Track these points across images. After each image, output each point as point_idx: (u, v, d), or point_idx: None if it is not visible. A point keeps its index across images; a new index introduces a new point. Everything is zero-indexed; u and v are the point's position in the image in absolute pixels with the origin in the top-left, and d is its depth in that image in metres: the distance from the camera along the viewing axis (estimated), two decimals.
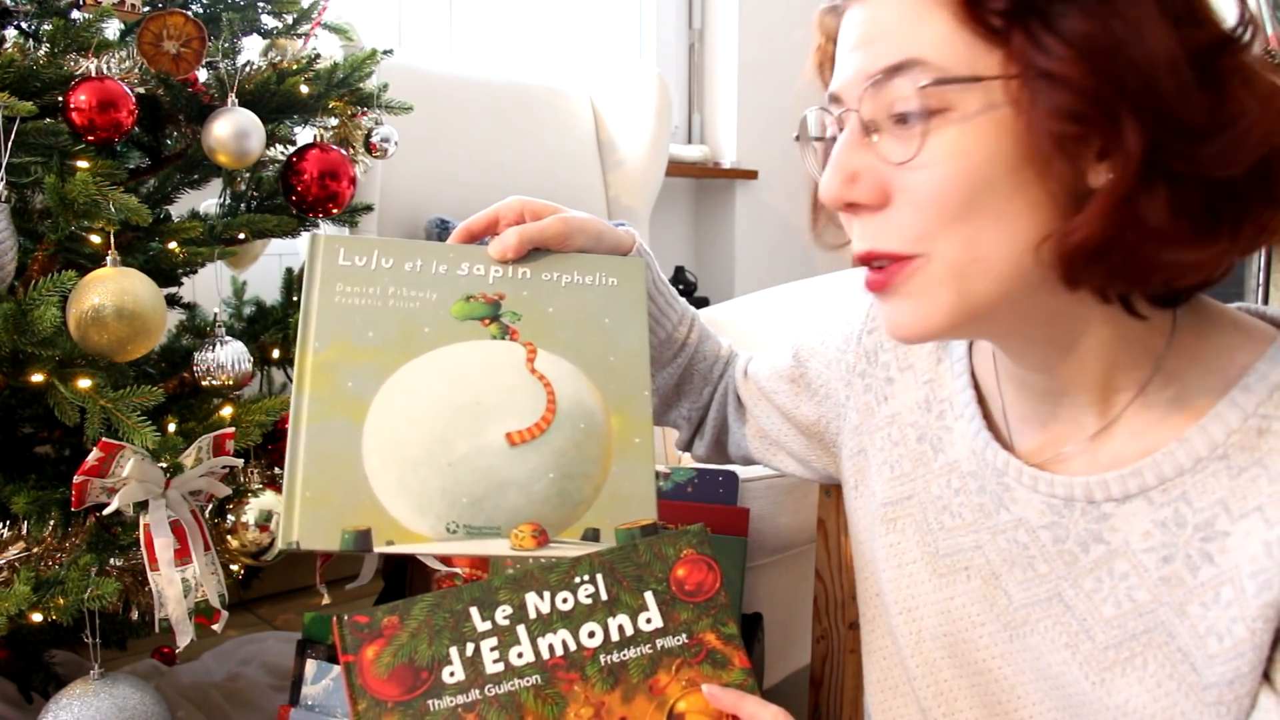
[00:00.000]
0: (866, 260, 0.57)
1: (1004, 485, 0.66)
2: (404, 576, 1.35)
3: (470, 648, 0.61)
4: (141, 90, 1.01)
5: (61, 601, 0.90)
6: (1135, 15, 0.49)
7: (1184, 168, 0.50)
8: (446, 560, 1.28)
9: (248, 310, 1.33)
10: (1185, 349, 0.58)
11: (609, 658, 0.62)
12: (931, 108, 0.52)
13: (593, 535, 0.67)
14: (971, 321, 0.57)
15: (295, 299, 1.24)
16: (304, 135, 1.20)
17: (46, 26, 0.99)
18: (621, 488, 0.68)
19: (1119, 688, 0.59)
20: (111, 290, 0.90)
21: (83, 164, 0.94)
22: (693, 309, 0.91)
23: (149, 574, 0.92)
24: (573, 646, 0.62)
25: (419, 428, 0.67)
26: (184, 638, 0.95)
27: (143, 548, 0.92)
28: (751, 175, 2.91)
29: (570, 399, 0.69)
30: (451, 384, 0.68)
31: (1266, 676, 0.54)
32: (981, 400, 0.70)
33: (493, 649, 0.61)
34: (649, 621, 0.63)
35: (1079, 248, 0.51)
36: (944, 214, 0.53)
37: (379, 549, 0.65)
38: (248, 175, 1.21)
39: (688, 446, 0.95)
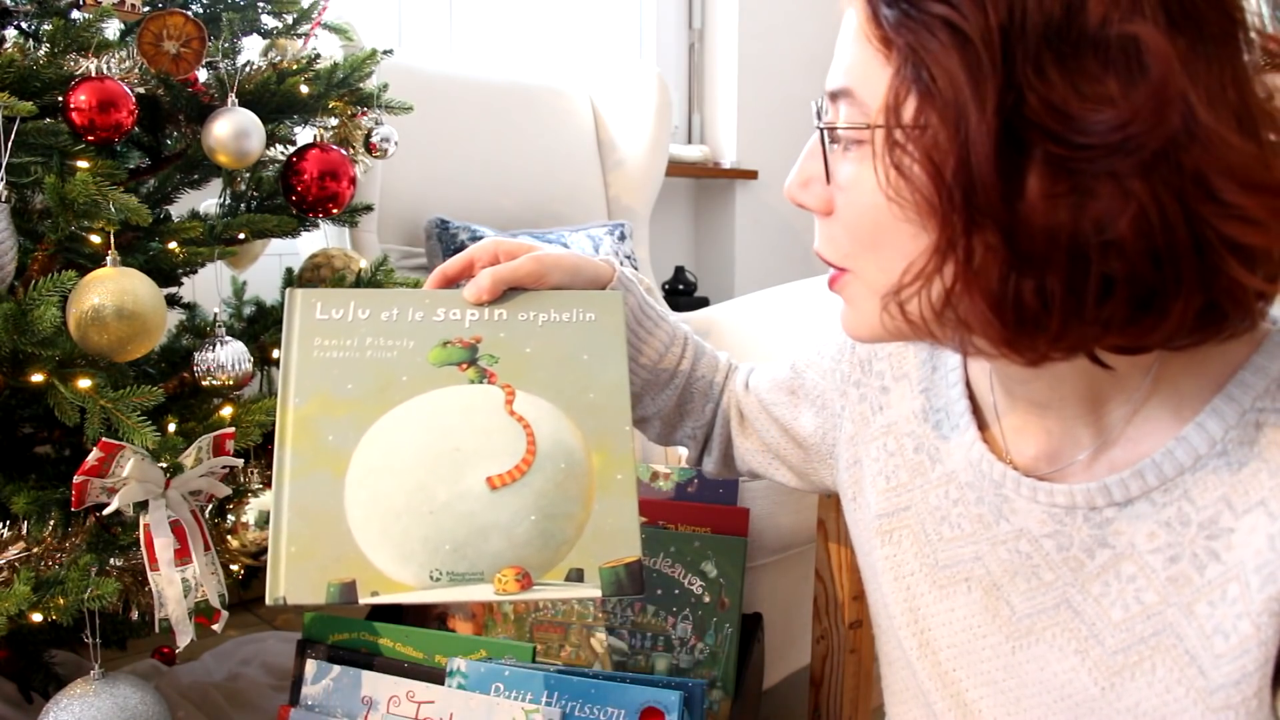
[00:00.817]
0: (819, 258, 0.62)
1: (1002, 496, 0.65)
2: None
3: None
4: (141, 90, 1.01)
5: (61, 601, 0.90)
6: (969, 106, 0.47)
7: (987, 257, 0.49)
8: None
9: (248, 310, 1.34)
10: (1177, 358, 0.58)
11: None
12: (852, 138, 0.55)
13: (576, 575, 0.66)
14: (910, 337, 0.57)
15: None
16: (304, 135, 1.20)
17: (46, 26, 0.99)
18: (605, 525, 0.67)
19: (1128, 691, 0.59)
20: (111, 290, 0.90)
21: (83, 164, 0.94)
22: (685, 327, 0.90)
23: (149, 574, 0.92)
24: None
25: (400, 477, 0.67)
26: (184, 638, 0.95)
27: (143, 548, 0.92)
28: (751, 175, 2.91)
29: (550, 439, 0.69)
30: (430, 431, 0.68)
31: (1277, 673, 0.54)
32: (977, 410, 0.69)
33: None
34: None
35: (897, 297, 0.54)
36: (859, 240, 0.57)
37: (364, 600, 0.65)
38: (248, 175, 1.21)
39: (697, 463, 0.95)
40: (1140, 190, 0.46)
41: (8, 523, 0.94)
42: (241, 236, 1.15)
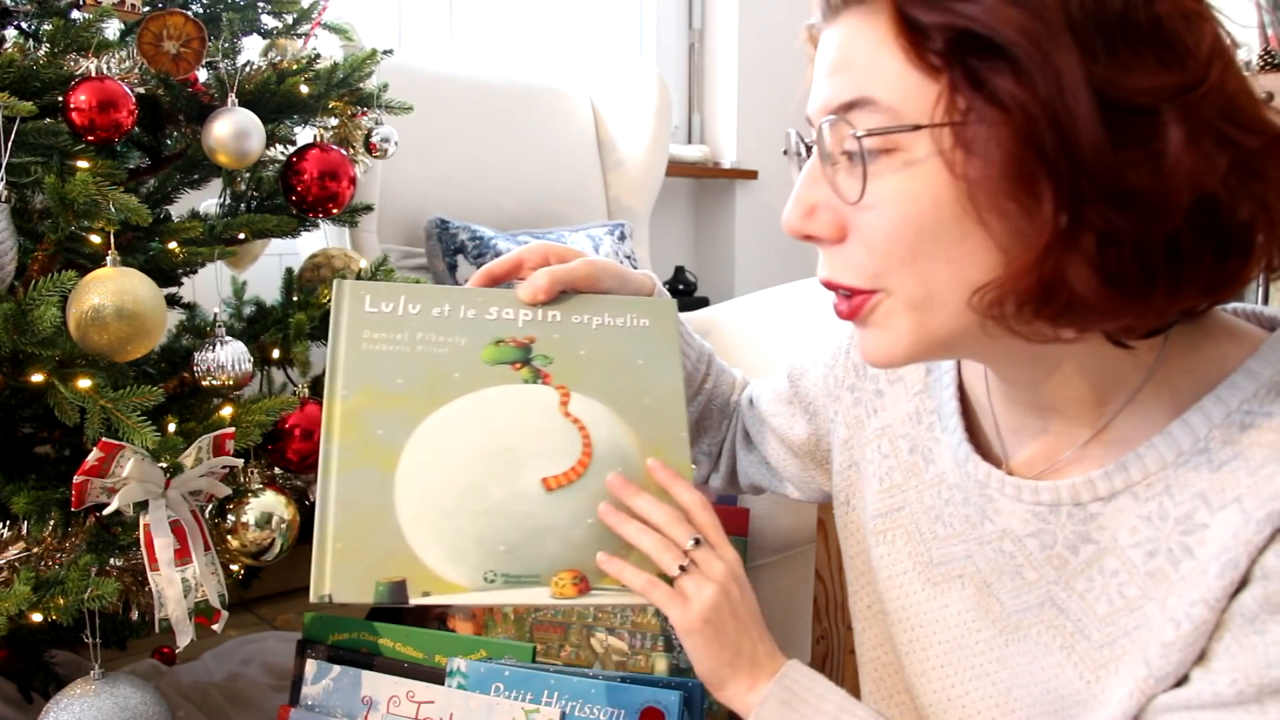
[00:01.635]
0: (828, 288, 0.58)
1: (986, 497, 0.66)
2: None
3: None
4: (141, 90, 1.01)
5: (61, 601, 0.90)
6: (1059, 75, 0.48)
7: (1107, 229, 0.49)
8: None
9: (248, 310, 1.33)
10: (1178, 359, 0.58)
11: None
12: (878, 149, 0.52)
13: None
14: (940, 349, 0.57)
15: (295, 299, 1.24)
16: (304, 135, 1.20)
17: (46, 26, 0.99)
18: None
19: (1113, 684, 0.59)
20: (111, 290, 0.90)
21: (83, 164, 0.94)
22: (708, 345, 0.91)
23: (149, 574, 0.92)
24: None
25: (452, 475, 0.66)
26: (184, 638, 0.95)
27: (143, 548, 0.92)
28: (751, 175, 2.91)
29: (606, 442, 0.68)
30: (483, 430, 0.67)
31: (1202, 655, 0.54)
32: (968, 413, 0.70)
33: None
34: None
35: (998, 304, 0.51)
36: (893, 256, 0.54)
37: (415, 600, 0.64)
38: (248, 175, 1.21)
39: (704, 480, 0.95)
40: (1209, 138, 0.48)
41: (8, 523, 0.94)
42: (241, 236, 1.15)
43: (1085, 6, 0.48)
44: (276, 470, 1.12)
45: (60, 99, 0.94)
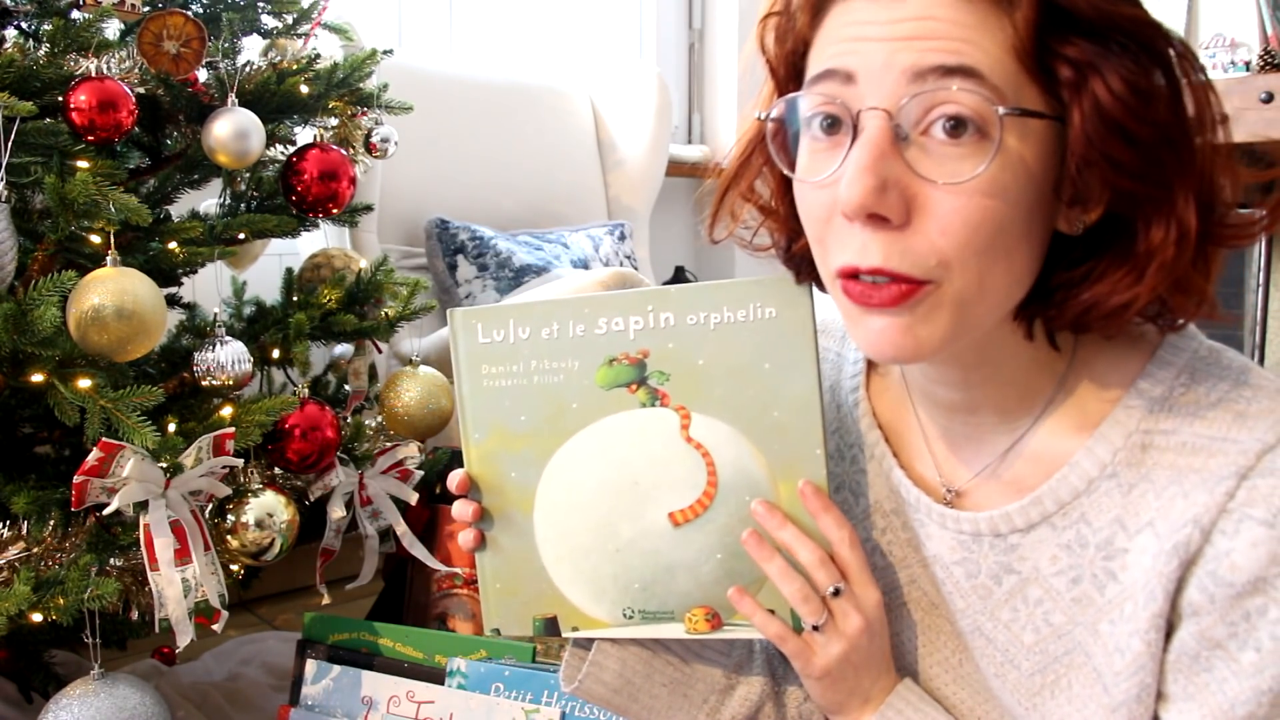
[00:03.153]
0: (870, 274, 0.52)
1: (919, 521, 0.66)
2: (404, 577, 1.35)
3: None
4: (141, 90, 1.01)
5: (61, 601, 0.90)
6: (1169, 86, 0.50)
7: (1219, 232, 0.51)
8: (447, 560, 1.29)
9: (248, 310, 1.33)
10: (1084, 365, 0.59)
11: None
12: (984, 132, 0.49)
13: None
14: (955, 346, 0.56)
15: (295, 299, 1.25)
16: (304, 135, 1.20)
17: (46, 26, 0.99)
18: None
19: (1050, 710, 0.61)
20: (111, 290, 0.90)
21: (83, 164, 0.94)
22: None
23: (149, 574, 0.92)
24: None
25: (584, 514, 0.67)
26: (184, 638, 0.95)
27: (143, 548, 0.92)
28: None
29: (731, 467, 0.64)
30: (607, 464, 0.66)
31: (1159, 693, 0.56)
32: (888, 439, 0.69)
33: None
34: None
35: (1125, 307, 0.53)
36: (969, 246, 0.50)
37: (566, 634, 0.69)
38: (248, 175, 1.21)
39: None
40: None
41: (8, 523, 0.94)
42: (241, 236, 1.15)
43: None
44: (276, 470, 1.12)
45: (60, 99, 0.94)
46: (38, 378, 0.92)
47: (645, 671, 0.70)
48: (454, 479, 0.68)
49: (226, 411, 1.04)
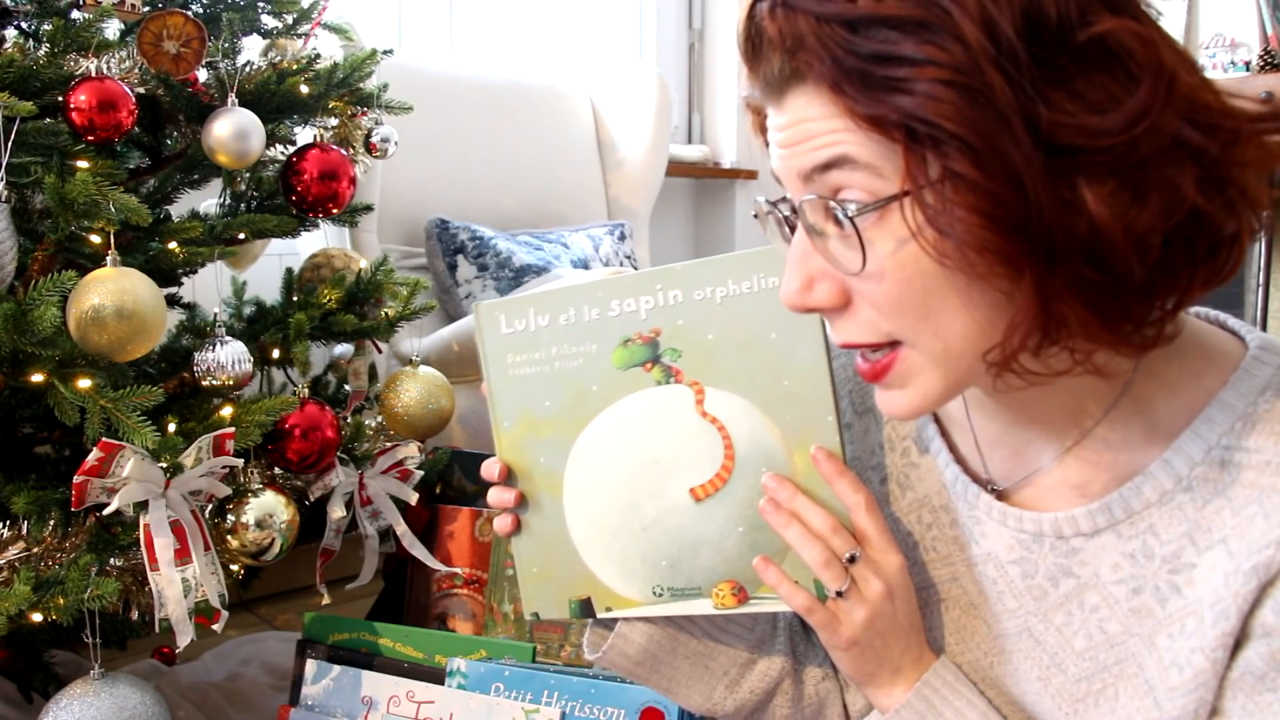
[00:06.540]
0: (845, 348, 0.56)
1: (974, 519, 0.66)
2: (404, 577, 1.35)
3: None
4: (141, 90, 1.01)
5: (61, 601, 0.90)
6: (1007, 146, 0.46)
7: (1091, 276, 0.48)
8: (447, 560, 1.29)
9: (248, 310, 1.33)
10: (1153, 374, 0.58)
11: None
12: (880, 211, 0.50)
13: None
14: (964, 388, 0.57)
15: (295, 299, 1.25)
16: (304, 135, 1.20)
17: (46, 26, 0.99)
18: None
19: (1092, 718, 0.60)
20: (111, 290, 0.90)
21: (83, 164, 0.94)
22: None
23: (149, 574, 0.92)
24: None
25: (609, 495, 0.68)
26: (184, 638, 0.95)
27: (143, 548, 0.92)
28: (751, 175, 2.91)
29: (747, 440, 0.65)
30: (628, 443, 0.67)
31: (1214, 709, 0.55)
32: (945, 433, 0.69)
33: None
34: None
35: (1010, 359, 0.51)
36: (906, 314, 0.52)
37: (601, 615, 0.70)
38: (248, 175, 1.21)
39: None
40: (1182, 163, 0.47)
41: (8, 523, 0.94)
42: (241, 236, 1.15)
43: (1023, 62, 0.46)
44: (276, 470, 1.12)
45: (60, 99, 0.94)
46: (38, 378, 0.92)
47: (670, 645, 0.71)
48: (491, 467, 0.69)
49: (226, 411, 1.04)
